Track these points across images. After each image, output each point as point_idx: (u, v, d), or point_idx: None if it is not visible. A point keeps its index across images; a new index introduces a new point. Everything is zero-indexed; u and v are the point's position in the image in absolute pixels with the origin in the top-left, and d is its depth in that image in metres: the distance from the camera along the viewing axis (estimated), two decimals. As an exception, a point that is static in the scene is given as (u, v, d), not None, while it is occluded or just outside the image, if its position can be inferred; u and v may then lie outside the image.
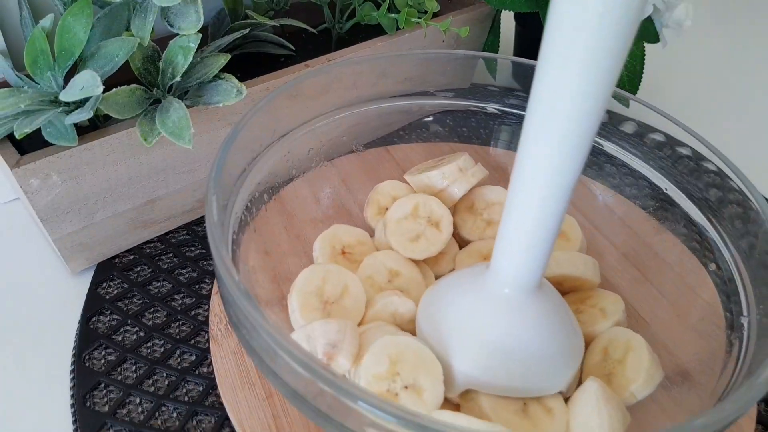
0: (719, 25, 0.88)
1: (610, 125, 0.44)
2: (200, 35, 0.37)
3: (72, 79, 0.34)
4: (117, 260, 0.45)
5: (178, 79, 0.37)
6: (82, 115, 0.34)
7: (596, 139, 0.45)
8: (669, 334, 0.40)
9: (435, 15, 0.53)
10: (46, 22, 0.36)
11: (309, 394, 0.26)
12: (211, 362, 0.39)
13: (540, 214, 0.30)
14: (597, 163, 0.45)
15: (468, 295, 0.35)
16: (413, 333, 0.37)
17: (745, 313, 0.35)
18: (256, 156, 0.38)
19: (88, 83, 0.32)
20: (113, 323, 0.41)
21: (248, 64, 0.48)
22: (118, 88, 0.36)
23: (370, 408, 0.23)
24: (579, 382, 0.36)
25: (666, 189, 0.42)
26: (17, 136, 0.33)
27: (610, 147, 0.44)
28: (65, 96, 0.33)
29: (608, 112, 0.44)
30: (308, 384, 0.25)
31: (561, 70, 0.26)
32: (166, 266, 0.45)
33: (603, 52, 0.24)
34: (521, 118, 0.48)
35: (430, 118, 0.52)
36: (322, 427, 0.27)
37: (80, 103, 0.36)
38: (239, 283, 0.27)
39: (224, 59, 0.40)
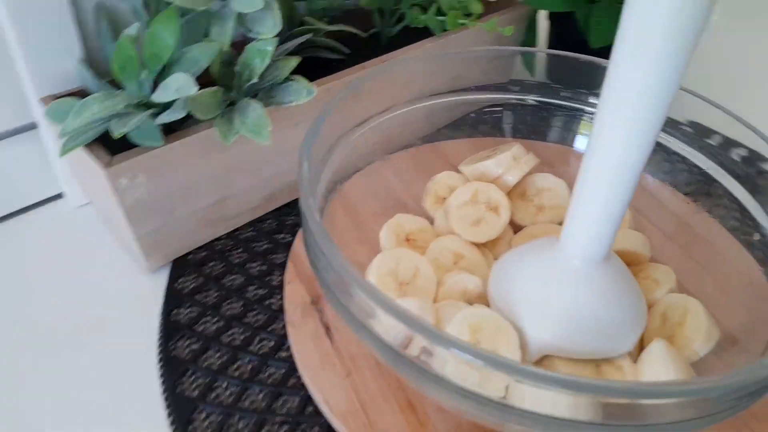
0: (746, 19, 0.90)
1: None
2: (277, 39, 0.39)
3: (164, 82, 0.36)
4: (190, 256, 0.47)
5: (255, 80, 0.40)
6: (174, 115, 0.36)
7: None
8: (715, 305, 0.41)
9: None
10: (132, 30, 0.39)
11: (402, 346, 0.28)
12: (288, 347, 0.41)
13: (610, 193, 0.32)
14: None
15: (538, 266, 0.37)
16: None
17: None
18: (330, 148, 0.40)
19: (182, 84, 0.35)
20: (193, 315, 0.43)
21: (304, 68, 0.51)
22: (203, 90, 0.38)
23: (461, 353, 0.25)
24: (641, 346, 0.38)
25: (707, 168, 0.44)
26: (115, 135, 0.36)
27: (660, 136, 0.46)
28: (158, 97, 0.36)
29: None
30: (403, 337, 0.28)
31: (633, 64, 0.28)
32: (237, 261, 0.47)
33: (674, 47, 0.27)
34: (559, 108, 0.51)
35: (473, 115, 0.55)
36: (413, 382, 0.29)
37: (166, 106, 0.39)
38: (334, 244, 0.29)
39: (295, 62, 0.42)
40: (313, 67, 0.50)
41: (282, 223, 0.50)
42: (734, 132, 0.42)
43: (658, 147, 0.46)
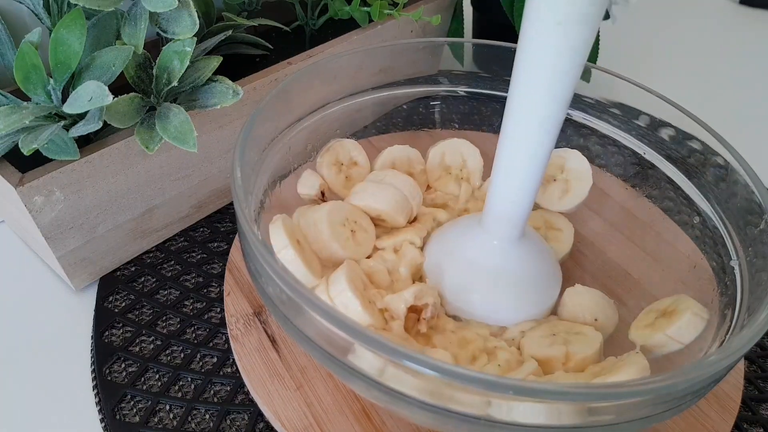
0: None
1: (588, 101, 0.47)
2: (195, 39, 0.37)
3: (74, 92, 0.34)
4: (119, 273, 0.44)
5: (174, 84, 0.37)
6: (89, 127, 0.34)
7: (578, 114, 0.47)
8: (658, 288, 0.42)
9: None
10: (34, 36, 0.35)
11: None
12: (233, 362, 0.39)
13: (519, 183, 0.36)
14: (581, 135, 0.47)
15: (464, 245, 0.41)
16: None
17: (734, 257, 0.38)
18: (262, 152, 0.38)
19: (96, 93, 0.32)
20: (127, 335, 0.40)
21: (225, 66, 0.49)
22: (119, 97, 0.35)
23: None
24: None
25: (644, 153, 0.45)
26: (26, 152, 0.33)
27: (592, 121, 0.47)
28: (70, 108, 0.33)
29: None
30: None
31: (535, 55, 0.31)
32: (169, 274, 0.45)
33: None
34: (490, 98, 0.51)
35: (405, 107, 0.54)
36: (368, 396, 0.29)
37: (79, 117, 0.36)
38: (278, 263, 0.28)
39: (216, 61, 0.40)
40: (236, 65, 0.48)
41: (215, 230, 0.48)
42: (660, 111, 0.43)
43: (590, 132, 0.47)
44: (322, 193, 0.44)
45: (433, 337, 0.37)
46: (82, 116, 0.36)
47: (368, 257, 0.41)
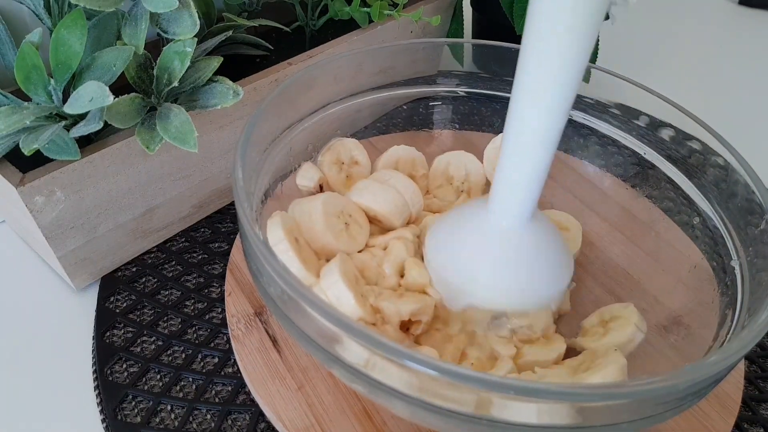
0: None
1: (588, 101, 0.47)
2: (196, 39, 0.37)
3: (75, 92, 0.34)
4: (120, 273, 0.44)
5: (175, 84, 0.37)
6: (90, 127, 0.34)
7: (578, 114, 0.47)
8: (658, 288, 0.42)
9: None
10: (34, 36, 0.35)
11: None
12: (234, 362, 0.39)
13: (530, 159, 0.34)
14: (581, 135, 0.47)
15: (469, 228, 0.39)
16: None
17: (734, 257, 0.38)
18: (263, 152, 0.38)
19: (96, 94, 0.32)
20: (129, 335, 0.40)
21: (226, 67, 0.49)
22: (120, 97, 0.35)
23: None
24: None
25: (644, 154, 0.45)
26: (27, 152, 0.33)
27: (593, 122, 0.47)
28: (70, 108, 0.33)
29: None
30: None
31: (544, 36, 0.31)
32: (170, 274, 0.45)
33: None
34: (490, 99, 0.51)
35: (405, 107, 0.54)
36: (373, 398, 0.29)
37: (80, 117, 0.36)
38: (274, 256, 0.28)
39: (217, 62, 0.40)
40: (236, 66, 0.48)
41: (216, 231, 0.48)
42: (660, 112, 0.43)
43: (590, 132, 0.47)
44: (321, 187, 0.44)
45: (420, 338, 0.37)
46: (82, 116, 0.36)
47: (360, 252, 0.41)
